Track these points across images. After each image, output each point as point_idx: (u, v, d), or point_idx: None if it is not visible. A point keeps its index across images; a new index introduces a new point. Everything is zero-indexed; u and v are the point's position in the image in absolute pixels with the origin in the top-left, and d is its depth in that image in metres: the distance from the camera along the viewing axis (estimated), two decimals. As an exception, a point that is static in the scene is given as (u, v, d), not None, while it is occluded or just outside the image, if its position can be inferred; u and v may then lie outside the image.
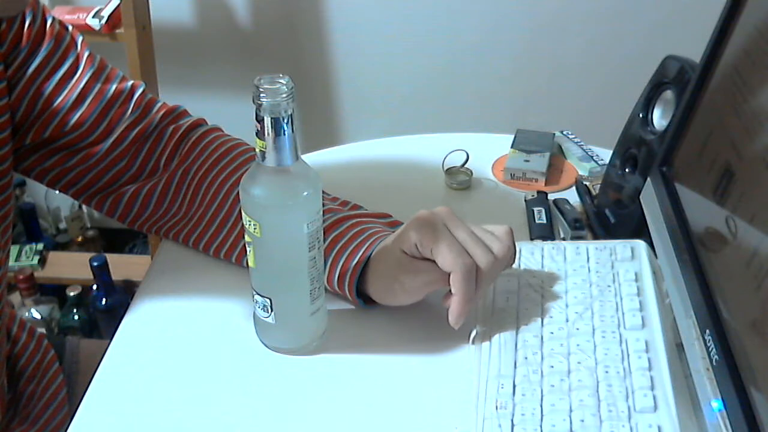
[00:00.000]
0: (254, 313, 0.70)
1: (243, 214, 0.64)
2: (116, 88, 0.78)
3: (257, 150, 0.61)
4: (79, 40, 0.77)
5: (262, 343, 0.71)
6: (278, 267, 0.66)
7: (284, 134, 0.60)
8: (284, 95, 0.58)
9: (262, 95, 0.58)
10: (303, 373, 0.69)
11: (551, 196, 0.91)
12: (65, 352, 0.93)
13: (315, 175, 0.64)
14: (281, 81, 0.59)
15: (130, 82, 0.81)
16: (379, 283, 0.70)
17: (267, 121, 0.59)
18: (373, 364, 0.70)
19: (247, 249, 0.66)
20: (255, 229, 0.63)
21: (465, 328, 0.71)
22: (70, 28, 0.77)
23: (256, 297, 0.68)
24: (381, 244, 0.71)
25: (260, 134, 0.60)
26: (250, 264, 0.67)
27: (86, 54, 0.77)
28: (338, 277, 0.71)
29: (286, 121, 0.59)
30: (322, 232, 0.66)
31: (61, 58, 0.75)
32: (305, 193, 0.63)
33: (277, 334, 0.70)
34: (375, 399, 0.66)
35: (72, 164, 0.78)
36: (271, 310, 0.68)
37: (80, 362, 0.93)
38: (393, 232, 0.71)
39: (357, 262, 0.70)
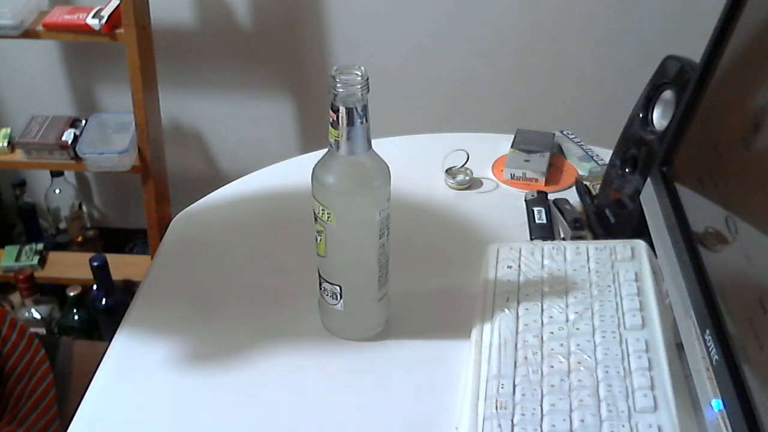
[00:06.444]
0: (320, 301, 0.71)
1: (315, 203, 0.65)
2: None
3: (331, 139, 0.62)
4: None
5: (328, 330, 0.72)
6: (349, 254, 0.67)
7: (358, 124, 0.61)
8: (359, 86, 0.59)
9: (337, 86, 0.59)
10: (299, 368, 0.69)
11: (551, 196, 0.91)
12: (58, 352, 0.93)
13: (385, 164, 0.65)
14: (357, 72, 0.60)
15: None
16: None
17: (342, 111, 0.60)
18: (368, 365, 0.70)
19: (317, 238, 0.67)
20: (328, 217, 0.64)
21: (465, 327, 0.71)
22: None
23: (325, 285, 0.69)
24: None
25: (335, 124, 0.61)
26: (320, 253, 0.68)
27: None
28: None
29: (360, 111, 0.60)
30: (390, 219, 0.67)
31: None
32: (377, 182, 0.64)
33: (345, 320, 0.71)
34: (373, 399, 0.67)
35: None
36: (341, 297, 0.69)
37: (73, 363, 0.93)
38: None
39: None
